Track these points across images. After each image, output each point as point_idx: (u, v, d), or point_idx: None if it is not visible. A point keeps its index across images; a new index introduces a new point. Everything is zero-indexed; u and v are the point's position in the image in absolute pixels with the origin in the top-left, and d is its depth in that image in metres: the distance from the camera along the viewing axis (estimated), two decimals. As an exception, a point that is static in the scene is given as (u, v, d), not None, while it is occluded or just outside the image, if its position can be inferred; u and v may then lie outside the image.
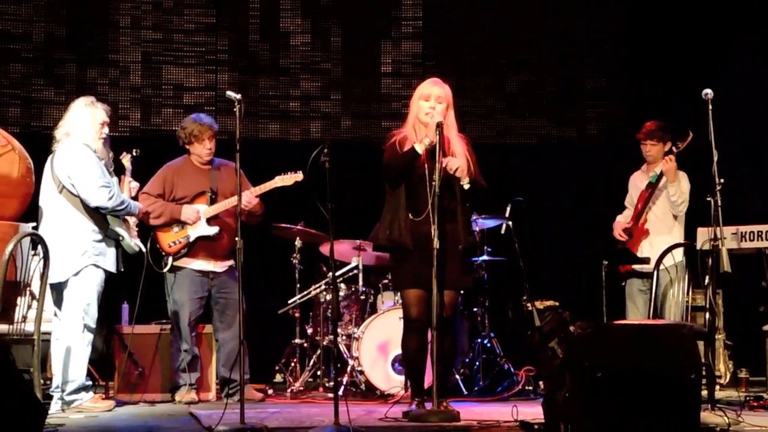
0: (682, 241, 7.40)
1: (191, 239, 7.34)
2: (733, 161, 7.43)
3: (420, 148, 6.09)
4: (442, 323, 5.92)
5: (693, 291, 7.63)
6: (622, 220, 7.85)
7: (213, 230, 7.35)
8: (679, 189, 7.55)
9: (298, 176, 7.39)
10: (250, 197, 7.29)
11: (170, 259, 7.36)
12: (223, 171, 7.50)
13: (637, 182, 7.90)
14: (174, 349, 7.36)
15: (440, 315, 5.88)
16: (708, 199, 6.61)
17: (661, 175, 7.59)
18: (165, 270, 7.34)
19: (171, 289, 7.37)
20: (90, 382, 6.70)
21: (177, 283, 7.36)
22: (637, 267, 7.64)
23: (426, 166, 6.08)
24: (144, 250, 6.98)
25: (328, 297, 7.89)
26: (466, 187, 6.10)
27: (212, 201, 7.40)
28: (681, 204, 7.58)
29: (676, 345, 5.06)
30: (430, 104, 6.18)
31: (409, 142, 6.18)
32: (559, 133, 9.99)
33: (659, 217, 7.69)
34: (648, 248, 7.59)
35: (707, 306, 6.75)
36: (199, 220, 7.34)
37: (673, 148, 7.51)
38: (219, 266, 7.42)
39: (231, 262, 7.44)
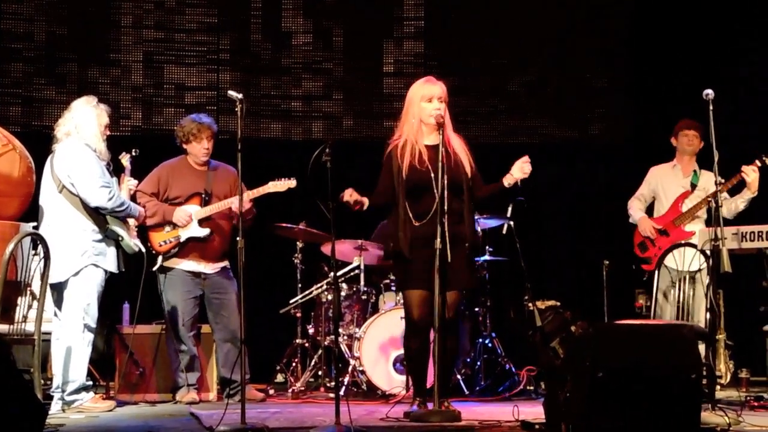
0: (688, 241, 7.37)
1: (182, 240, 7.33)
2: (735, 161, 7.39)
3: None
4: (445, 324, 5.91)
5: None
6: (641, 214, 7.74)
7: (204, 232, 7.33)
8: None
9: (291, 183, 7.38)
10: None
11: (160, 258, 7.35)
12: (219, 173, 7.49)
13: (665, 176, 7.78)
14: (171, 349, 7.35)
15: (442, 315, 5.88)
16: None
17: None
18: (154, 269, 7.32)
19: (163, 289, 7.35)
20: (90, 382, 6.69)
21: (169, 284, 7.35)
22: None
23: (430, 168, 6.08)
24: (144, 250, 6.97)
25: (330, 297, 7.89)
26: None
27: (205, 202, 7.37)
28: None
29: (676, 345, 5.06)
30: (435, 106, 6.16)
31: (410, 147, 6.15)
32: (561, 132, 9.97)
33: (700, 220, 7.64)
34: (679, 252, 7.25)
35: (708, 306, 6.73)
36: (190, 222, 7.33)
37: (757, 162, 7.24)
38: (210, 267, 7.40)
39: (224, 263, 7.44)
